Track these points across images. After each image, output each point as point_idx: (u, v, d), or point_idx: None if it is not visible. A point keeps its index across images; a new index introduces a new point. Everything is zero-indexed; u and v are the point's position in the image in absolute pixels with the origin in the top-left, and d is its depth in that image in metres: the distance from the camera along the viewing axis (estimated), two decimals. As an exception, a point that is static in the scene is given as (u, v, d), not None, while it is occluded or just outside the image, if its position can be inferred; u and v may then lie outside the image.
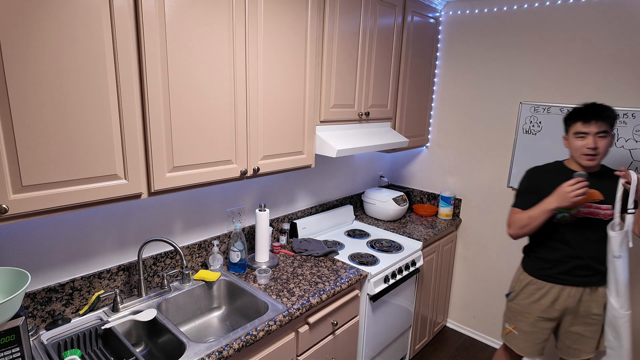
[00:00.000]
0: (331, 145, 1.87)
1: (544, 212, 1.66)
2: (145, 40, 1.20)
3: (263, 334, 1.44)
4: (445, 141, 2.84)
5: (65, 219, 1.43)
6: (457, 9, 2.63)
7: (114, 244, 1.58)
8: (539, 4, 2.32)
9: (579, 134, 1.64)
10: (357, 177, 2.86)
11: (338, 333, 1.86)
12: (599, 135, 1.60)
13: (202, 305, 1.78)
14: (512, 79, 2.48)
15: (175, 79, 1.30)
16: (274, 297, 1.66)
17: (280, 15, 1.59)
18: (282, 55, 1.64)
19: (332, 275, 1.89)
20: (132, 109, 1.21)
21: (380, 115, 2.33)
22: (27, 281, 1.07)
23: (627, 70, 2.09)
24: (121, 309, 1.53)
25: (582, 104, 1.68)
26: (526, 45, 2.40)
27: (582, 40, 2.20)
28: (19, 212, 1.03)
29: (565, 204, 1.60)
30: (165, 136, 1.31)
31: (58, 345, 1.32)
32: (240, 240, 1.87)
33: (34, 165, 1.04)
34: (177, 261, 1.80)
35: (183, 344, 1.34)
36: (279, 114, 1.69)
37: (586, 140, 1.63)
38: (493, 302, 2.79)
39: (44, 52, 1.01)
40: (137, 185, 1.27)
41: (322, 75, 1.88)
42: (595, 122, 1.60)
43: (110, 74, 1.15)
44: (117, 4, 1.12)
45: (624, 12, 2.07)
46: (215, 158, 1.48)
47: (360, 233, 2.50)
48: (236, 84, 1.49)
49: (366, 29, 2.06)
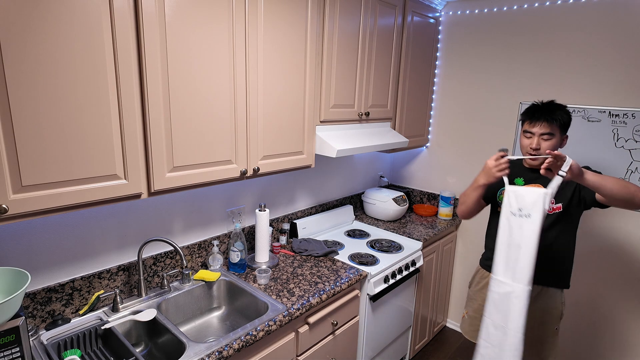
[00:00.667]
0: (331, 145, 1.87)
1: (474, 188, 1.67)
2: (145, 41, 1.20)
3: (263, 334, 1.44)
4: (445, 141, 2.84)
5: (65, 219, 1.43)
6: (457, 9, 2.63)
7: (113, 244, 1.58)
8: (539, 4, 2.32)
9: (526, 133, 1.61)
10: (357, 177, 2.86)
11: (338, 333, 1.86)
12: (543, 136, 1.56)
13: (202, 305, 1.78)
14: (512, 78, 2.48)
15: (175, 78, 1.30)
16: (274, 297, 1.66)
17: (280, 15, 1.59)
18: (282, 55, 1.64)
19: (332, 275, 1.89)
20: (132, 109, 1.21)
21: (380, 115, 2.32)
22: (27, 281, 1.07)
23: (627, 70, 2.09)
24: (121, 309, 1.53)
25: (540, 101, 1.63)
26: (526, 45, 2.40)
27: (582, 40, 2.20)
28: (19, 212, 1.03)
29: (491, 179, 1.56)
30: (165, 136, 1.31)
31: (58, 345, 1.32)
32: (240, 240, 1.87)
33: (34, 165, 1.04)
34: (177, 261, 1.80)
35: (183, 344, 1.34)
36: (279, 114, 1.69)
37: (531, 139, 1.59)
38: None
39: (44, 52, 1.01)
40: (137, 185, 1.27)
41: (322, 75, 1.88)
42: (541, 123, 1.55)
43: (110, 73, 1.14)
44: (117, 4, 1.12)
45: (624, 12, 2.07)
46: (215, 158, 1.48)
47: (360, 233, 2.50)
48: (236, 83, 1.49)
49: (366, 29, 2.06)
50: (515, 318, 1.44)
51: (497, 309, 1.50)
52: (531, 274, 1.42)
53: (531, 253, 1.41)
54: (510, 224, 1.47)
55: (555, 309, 1.70)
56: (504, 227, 1.49)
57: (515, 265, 1.45)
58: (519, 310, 1.44)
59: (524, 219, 1.44)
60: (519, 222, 1.45)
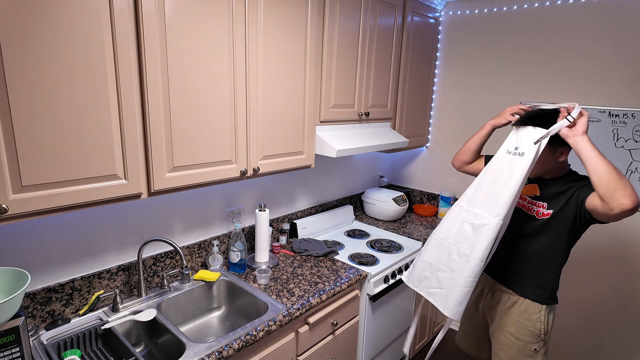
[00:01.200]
0: (331, 145, 1.87)
1: (480, 130, 1.72)
2: (145, 41, 1.20)
3: (263, 334, 1.44)
4: (445, 141, 2.84)
5: (65, 219, 1.43)
6: (457, 9, 2.63)
7: (113, 244, 1.58)
8: (538, 4, 2.32)
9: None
10: (357, 177, 2.86)
11: (338, 333, 1.86)
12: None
13: (202, 306, 1.78)
14: (512, 78, 2.48)
15: (175, 78, 1.30)
16: (274, 297, 1.66)
17: (280, 15, 1.59)
18: (282, 55, 1.64)
19: (332, 275, 1.89)
20: (132, 109, 1.21)
21: (380, 115, 2.32)
22: (27, 281, 1.07)
23: (627, 70, 2.09)
24: (121, 309, 1.53)
25: (526, 113, 1.51)
26: (526, 45, 2.40)
27: (582, 40, 2.20)
28: (19, 212, 1.03)
29: (501, 120, 1.61)
30: (165, 136, 1.31)
31: (58, 346, 1.32)
32: (240, 240, 1.87)
33: (34, 165, 1.04)
34: (177, 261, 1.80)
35: (183, 344, 1.34)
36: (279, 114, 1.69)
37: None
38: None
39: (44, 52, 1.01)
40: (137, 185, 1.27)
41: (322, 75, 1.88)
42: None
43: (110, 74, 1.14)
44: (117, 5, 1.12)
45: (624, 12, 2.07)
46: (215, 158, 1.48)
47: (360, 233, 2.50)
48: (236, 83, 1.49)
49: (366, 29, 2.06)
50: (480, 248, 1.43)
51: (467, 239, 1.49)
52: (507, 209, 1.41)
53: (514, 191, 1.40)
54: (502, 162, 1.47)
55: (532, 326, 1.55)
56: (496, 164, 1.49)
57: (496, 201, 1.43)
58: (487, 241, 1.43)
59: (517, 157, 1.42)
60: (511, 160, 1.44)
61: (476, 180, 1.56)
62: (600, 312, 2.33)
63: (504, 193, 1.42)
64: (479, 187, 1.52)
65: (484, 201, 1.48)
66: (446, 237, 1.57)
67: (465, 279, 1.46)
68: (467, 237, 1.49)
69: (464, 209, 1.54)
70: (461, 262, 1.48)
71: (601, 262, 2.30)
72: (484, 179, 1.52)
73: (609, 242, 2.26)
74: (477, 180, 1.55)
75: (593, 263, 2.32)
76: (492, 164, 1.51)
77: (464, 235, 1.51)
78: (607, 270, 2.28)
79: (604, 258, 2.28)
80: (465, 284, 1.46)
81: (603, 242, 2.28)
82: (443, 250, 1.56)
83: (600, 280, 2.31)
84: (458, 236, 1.52)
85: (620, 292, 2.25)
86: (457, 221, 1.55)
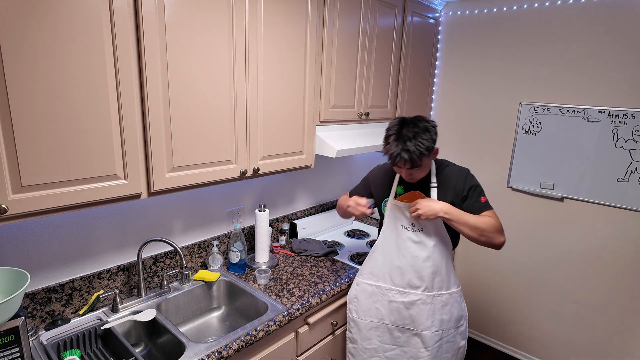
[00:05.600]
0: (331, 145, 1.87)
1: (344, 206, 1.73)
2: (145, 41, 1.20)
3: (263, 334, 1.44)
4: (445, 141, 2.84)
5: (65, 219, 1.43)
6: (457, 9, 2.63)
7: (113, 244, 1.58)
8: (538, 4, 2.32)
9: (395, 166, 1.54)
10: (357, 177, 2.86)
11: (338, 333, 1.86)
12: (411, 170, 1.50)
13: (202, 306, 1.78)
14: (511, 79, 2.48)
15: (175, 78, 1.30)
16: (274, 297, 1.66)
17: (280, 15, 1.59)
18: (281, 56, 1.64)
19: (331, 275, 1.89)
20: (132, 109, 1.21)
21: (380, 115, 2.32)
22: (26, 281, 1.07)
23: (627, 70, 2.10)
24: (121, 309, 1.52)
25: (391, 152, 1.46)
26: (526, 46, 2.40)
27: (582, 40, 2.20)
28: (19, 212, 1.03)
29: (356, 212, 1.67)
30: (165, 136, 1.31)
31: (57, 346, 1.32)
32: (240, 240, 1.87)
33: (34, 165, 1.04)
34: (176, 261, 1.80)
35: (183, 344, 1.34)
36: (279, 114, 1.69)
37: (401, 170, 1.55)
38: (492, 302, 2.79)
39: (44, 52, 1.01)
40: (137, 185, 1.27)
41: (322, 76, 1.88)
42: (404, 165, 1.47)
43: (110, 74, 1.14)
44: (117, 5, 1.12)
45: (624, 12, 2.07)
46: (215, 158, 1.48)
47: (360, 233, 2.50)
48: (236, 83, 1.49)
49: (366, 29, 2.06)
50: (423, 320, 1.59)
51: (403, 317, 1.62)
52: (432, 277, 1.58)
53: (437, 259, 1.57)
54: (401, 236, 1.60)
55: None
56: (393, 239, 1.62)
57: (419, 275, 1.59)
58: (425, 312, 1.59)
59: (419, 233, 1.59)
60: (412, 235, 1.59)
61: (378, 254, 1.67)
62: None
63: (425, 265, 1.57)
64: (390, 264, 1.63)
65: (400, 276, 1.61)
66: (380, 320, 1.67)
67: (422, 350, 1.61)
68: (402, 315, 1.62)
69: (383, 288, 1.65)
70: (407, 336, 1.63)
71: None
72: (389, 254, 1.64)
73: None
74: (379, 255, 1.67)
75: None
76: (388, 239, 1.64)
77: (398, 314, 1.63)
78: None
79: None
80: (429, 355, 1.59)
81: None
82: (382, 331, 1.68)
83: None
84: (392, 316, 1.64)
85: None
86: (383, 302, 1.65)
